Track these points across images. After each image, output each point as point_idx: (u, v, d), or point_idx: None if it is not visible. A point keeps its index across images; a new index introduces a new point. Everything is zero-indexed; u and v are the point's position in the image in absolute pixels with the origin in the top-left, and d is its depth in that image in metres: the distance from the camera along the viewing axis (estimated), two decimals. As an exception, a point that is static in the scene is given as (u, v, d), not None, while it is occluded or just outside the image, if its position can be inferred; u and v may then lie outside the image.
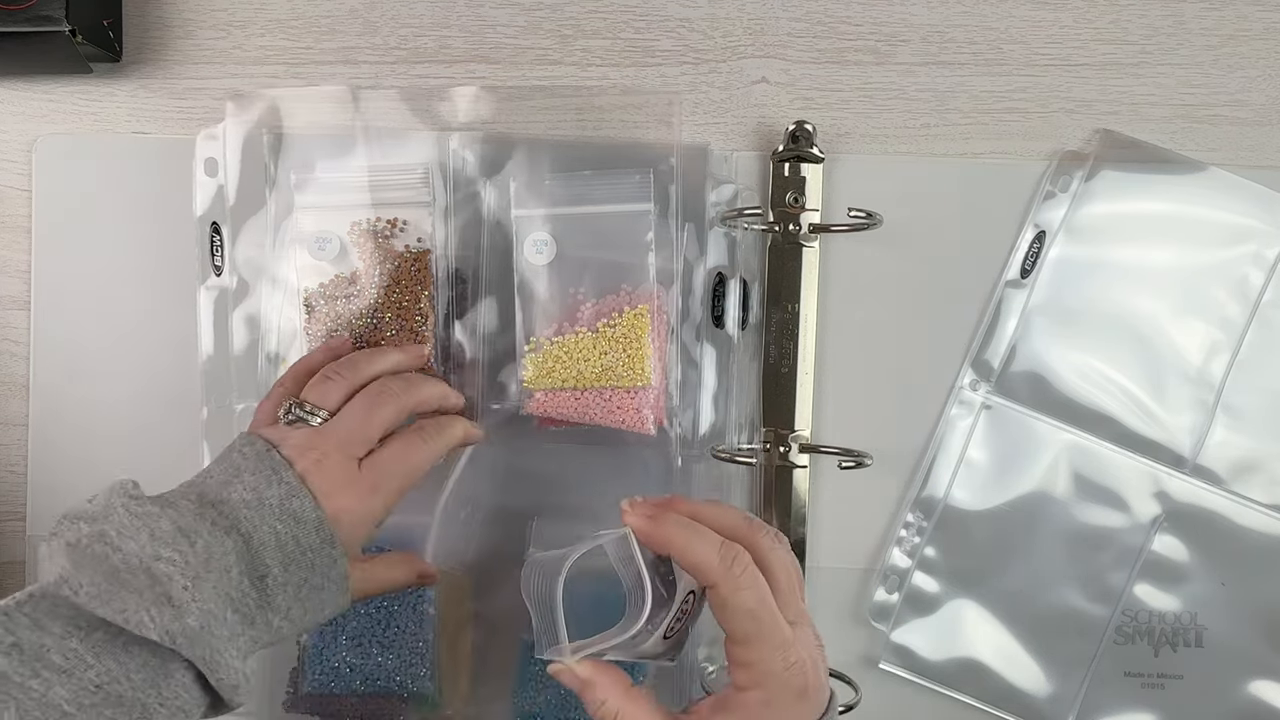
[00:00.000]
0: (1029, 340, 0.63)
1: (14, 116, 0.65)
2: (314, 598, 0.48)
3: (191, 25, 0.65)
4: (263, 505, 0.48)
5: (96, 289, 0.64)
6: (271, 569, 0.47)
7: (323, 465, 0.50)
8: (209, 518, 0.46)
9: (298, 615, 0.48)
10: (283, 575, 0.47)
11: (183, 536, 0.45)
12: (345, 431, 0.52)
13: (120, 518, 0.45)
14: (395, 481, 0.52)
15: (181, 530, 0.45)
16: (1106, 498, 0.63)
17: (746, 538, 0.46)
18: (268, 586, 0.47)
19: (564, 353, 0.59)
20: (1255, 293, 0.63)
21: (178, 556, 0.44)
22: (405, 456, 0.53)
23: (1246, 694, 0.62)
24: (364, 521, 0.50)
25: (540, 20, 0.64)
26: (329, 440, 0.51)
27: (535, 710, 0.59)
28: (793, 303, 0.62)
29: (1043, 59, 0.64)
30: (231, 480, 0.48)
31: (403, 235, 0.60)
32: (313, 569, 0.48)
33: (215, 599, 0.44)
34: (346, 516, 0.49)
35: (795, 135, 0.62)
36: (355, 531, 0.50)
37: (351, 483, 0.50)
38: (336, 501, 0.49)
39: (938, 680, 0.63)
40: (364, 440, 0.52)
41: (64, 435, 0.64)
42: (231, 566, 0.45)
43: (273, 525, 0.47)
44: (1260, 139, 0.64)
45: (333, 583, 0.49)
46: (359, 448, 0.51)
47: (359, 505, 0.50)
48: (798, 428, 0.62)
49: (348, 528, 0.49)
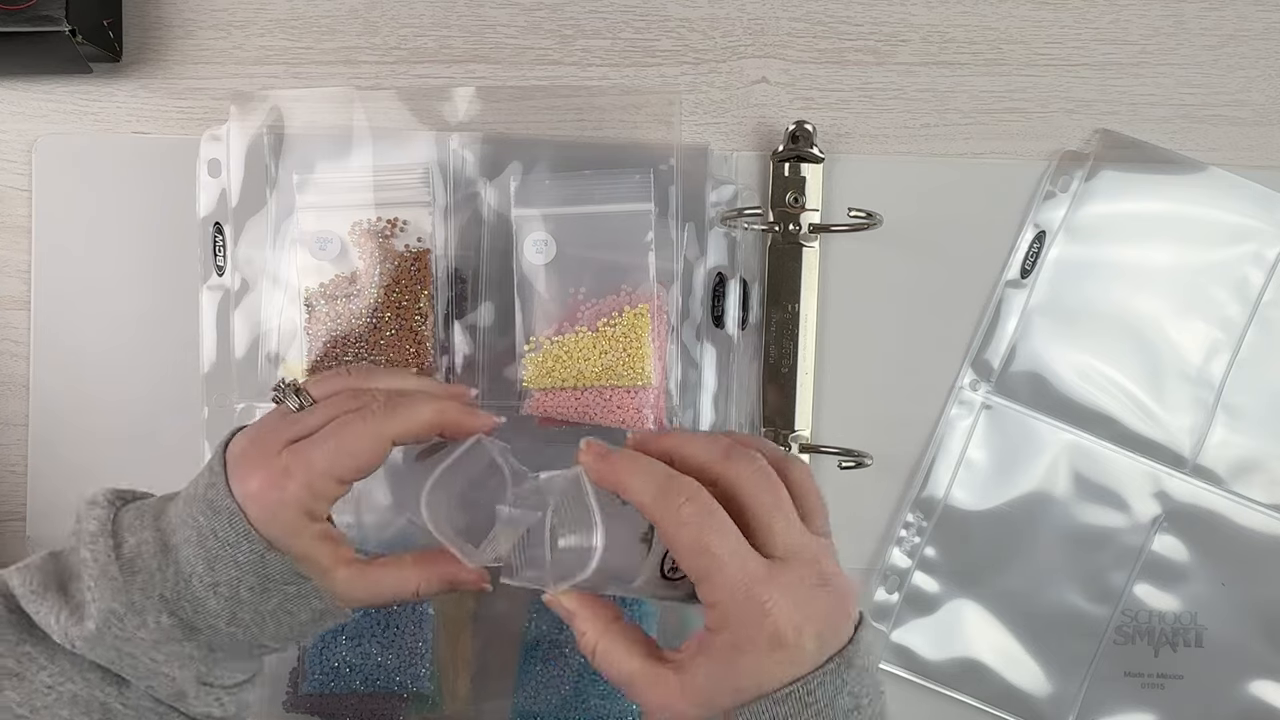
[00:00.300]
0: (1029, 340, 0.63)
1: (14, 116, 0.65)
2: (262, 602, 0.44)
3: (191, 25, 0.65)
4: (194, 498, 0.45)
5: (96, 289, 0.64)
6: (196, 567, 0.43)
7: (251, 446, 0.45)
8: (159, 517, 0.45)
9: (250, 620, 0.44)
10: (209, 574, 0.43)
11: (106, 536, 0.44)
12: (294, 417, 0.46)
13: (76, 518, 0.45)
14: (319, 463, 0.44)
15: (109, 531, 0.44)
16: (1106, 498, 0.63)
17: (722, 470, 0.43)
18: (193, 588, 0.43)
19: (564, 352, 0.59)
20: (1255, 293, 0.63)
21: (89, 556, 0.43)
22: (330, 434, 0.45)
23: (1246, 694, 0.62)
24: (275, 513, 0.44)
25: (540, 20, 0.64)
26: (265, 424, 0.46)
27: (535, 710, 0.59)
28: (793, 303, 0.62)
29: (1043, 59, 0.64)
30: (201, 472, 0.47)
31: (403, 235, 0.60)
32: (239, 567, 0.43)
33: (128, 600, 0.42)
34: (253, 505, 0.44)
35: (795, 135, 0.62)
36: (270, 526, 0.44)
37: (263, 465, 0.44)
38: (246, 486, 0.44)
39: (938, 680, 0.63)
40: (307, 425, 0.46)
41: (64, 435, 0.64)
42: (166, 566, 0.43)
43: (196, 518, 0.44)
44: (1260, 139, 0.64)
45: (276, 585, 0.44)
46: (297, 431, 0.45)
47: (265, 492, 0.44)
48: (798, 428, 0.62)
49: (259, 517, 0.44)
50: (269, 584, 0.44)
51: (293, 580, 0.45)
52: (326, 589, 0.46)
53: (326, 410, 0.46)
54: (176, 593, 0.43)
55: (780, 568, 0.42)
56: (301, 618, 0.46)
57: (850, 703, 0.42)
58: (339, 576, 0.46)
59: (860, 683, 0.42)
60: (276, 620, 0.45)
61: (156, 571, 0.43)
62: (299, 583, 0.45)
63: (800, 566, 0.42)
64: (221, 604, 0.44)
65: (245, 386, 0.62)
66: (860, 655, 0.43)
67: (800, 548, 0.42)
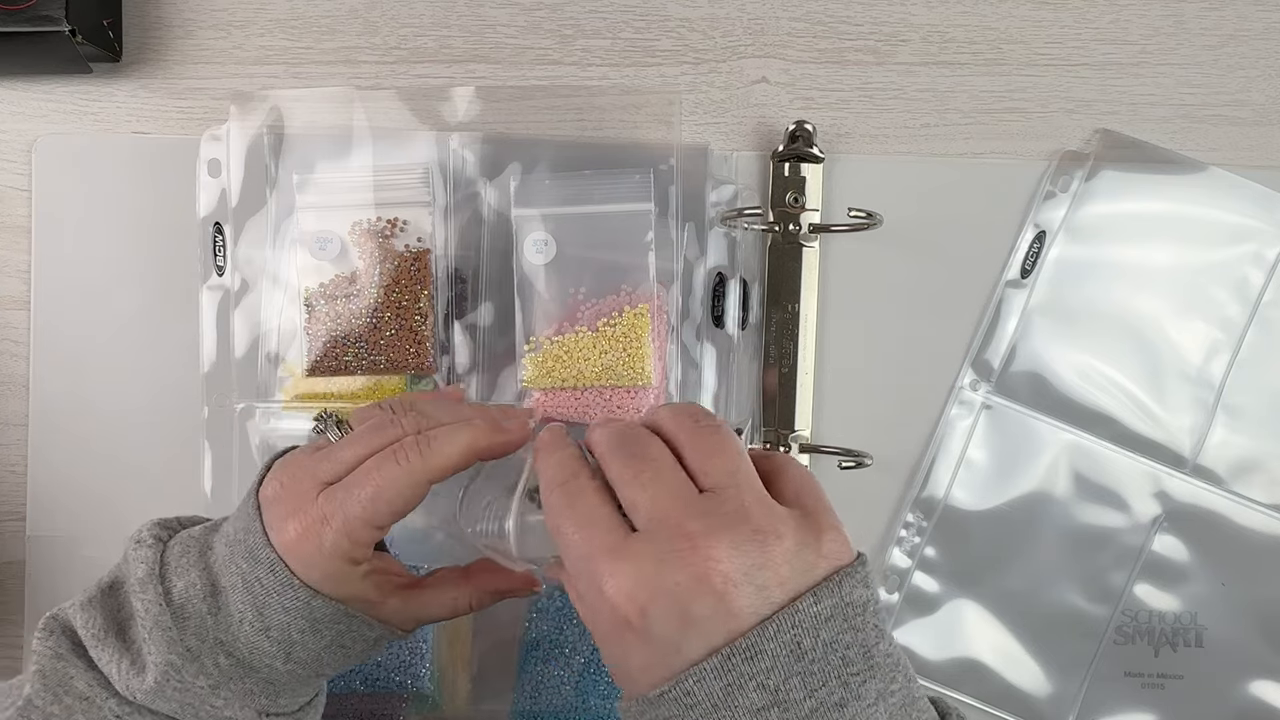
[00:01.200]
0: (1029, 340, 0.63)
1: (14, 116, 0.65)
2: (314, 640, 0.44)
3: (191, 25, 0.65)
4: (235, 541, 0.44)
5: (96, 289, 0.64)
6: (246, 614, 0.43)
7: (284, 490, 0.44)
8: (204, 555, 0.44)
9: (305, 658, 0.44)
10: (258, 620, 0.43)
11: (155, 582, 0.43)
12: (324, 453, 0.44)
13: (124, 559, 0.45)
14: (356, 512, 0.42)
15: (158, 575, 0.43)
16: (1107, 498, 0.63)
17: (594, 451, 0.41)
18: (245, 632, 0.43)
19: (564, 352, 0.59)
20: (1255, 293, 0.63)
21: (140, 606, 0.43)
22: (366, 480, 0.43)
23: (1247, 694, 0.62)
24: (315, 563, 0.43)
25: (540, 20, 0.64)
26: (303, 459, 0.45)
27: (535, 710, 0.59)
28: (793, 303, 0.62)
29: (1043, 59, 0.64)
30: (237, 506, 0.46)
31: (403, 235, 0.60)
32: (287, 612, 0.43)
33: (184, 648, 0.42)
34: (292, 555, 0.42)
35: (795, 135, 0.62)
36: (311, 574, 0.43)
37: (301, 511, 0.43)
38: (283, 535, 0.43)
39: (938, 680, 0.63)
40: (338, 462, 0.44)
41: (64, 435, 0.64)
42: (216, 610, 0.43)
43: (238, 563, 0.43)
44: (1260, 139, 0.64)
45: (327, 625, 0.44)
46: (330, 470, 0.44)
47: (302, 542, 0.42)
48: (798, 428, 0.62)
49: (299, 566, 0.42)
50: (319, 625, 0.44)
51: (341, 620, 0.44)
52: (378, 618, 0.46)
53: (357, 446, 0.44)
54: (231, 635, 0.43)
55: (635, 540, 0.36)
56: (356, 649, 0.46)
57: (762, 699, 0.35)
58: (389, 606, 0.46)
59: (785, 672, 0.35)
60: (332, 653, 0.45)
61: (208, 615, 0.43)
62: (348, 621, 0.44)
63: (662, 537, 0.36)
64: (275, 646, 0.43)
65: (245, 386, 0.62)
66: (776, 640, 0.35)
67: (665, 516, 0.36)
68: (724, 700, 0.35)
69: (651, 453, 0.39)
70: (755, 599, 0.35)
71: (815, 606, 0.35)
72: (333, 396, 0.60)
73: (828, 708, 0.35)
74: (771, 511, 0.37)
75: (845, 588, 0.36)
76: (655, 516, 0.37)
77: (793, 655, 0.35)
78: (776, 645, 0.35)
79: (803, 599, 0.35)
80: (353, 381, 0.60)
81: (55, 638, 0.44)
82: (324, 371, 0.60)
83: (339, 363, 0.60)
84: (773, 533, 0.36)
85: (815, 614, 0.35)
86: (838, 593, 0.36)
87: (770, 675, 0.35)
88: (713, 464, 0.38)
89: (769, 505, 0.37)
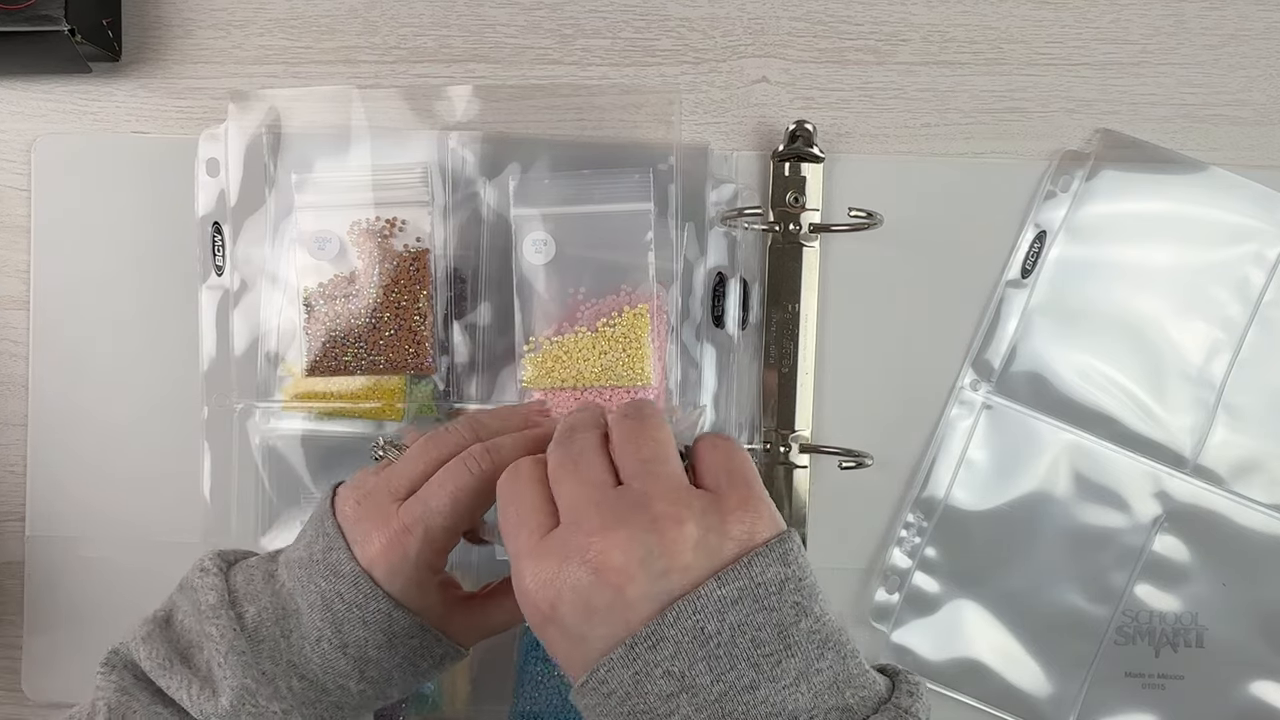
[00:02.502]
0: (1029, 340, 0.63)
1: (14, 116, 0.65)
2: (388, 658, 0.45)
3: (191, 25, 0.65)
4: (311, 562, 0.45)
5: (96, 289, 0.64)
6: (324, 631, 0.44)
7: (361, 508, 0.45)
8: (271, 581, 0.45)
9: (377, 677, 0.45)
10: (336, 637, 0.44)
11: (227, 608, 0.44)
12: (391, 470, 0.46)
13: (185, 589, 0.46)
14: (437, 519, 0.44)
15: (228, 601, 0.44)
16: (1107, 498, 0.62)
17: None
18: (322, 650, 0.44)
19: (563, 352, 0.59)
20: (1256, 292, 0.63)
21: (214, 631, 0.44)
22: (442, 489, 0.45)
23: (1247, 694, 0.62)
24: (401, 571, 0.44)
25: (540, 20, 0.64)
26: (371, 479, 0.46)
27: (535, 710, 0.59)
28: (793, 303, 0.62)
29: (1043, 58, 0.64)
30: (301, 534, 0.47)
31: (401, 235, 0.60)
32: (366, 626, 0.44)
33: (259, 672, 0.43)
34: (379, 567, 0.44)
35: (795, 135, 0.62)
36: (394, 584, 0.44)
37: (384, 525, 0.44)
38: (367, 549, 0.44)
39: (938, 681, 0.63)
40: (407, 476, 0.46)
41: (64, 435, 0.64)
42: (291, 632, 0.44)
43: (317, 582, 0.44)
44: (1261, 138, 0.64)
45: (402, 640, 0.45)
46: (402, 485, 0.46)
47: (389, 553, 0.44)
48: (798, 428, 0.62)
49: (384, 577, 0.44)
50: (395, 640, 0.45)
51: (416, 634, 0.45)
52: (445, 633, 0.47)
53: (424, 458, 0.46)
54: (304, 657, 0.44)
55: (548, 539, 0.38)
56: (424, 665, 0.47)
57: (670, 686, 0.35)
58: (456, 620, 0.47)
59: (690, 657, 0.35)
60: (403, 671, 0.46)
61: (281, 639, 0.44)
62: (422, 635, 0.46)
63: (568, 534, 0.37)
64: (351, 664, 0.45)
65: (244, 386, 0.62)
66: (678, 626, 0.35)
67: (573, 511, 0.38)
68: (635, 688, 0.36)
69: (576, 448, 0.40)
70: (653, 587, 0.36)
71: (720, 590, 0.36)
72: (332, 396, 0.60)
73: (737, 690, 0.35)
74: (677, 498, 0.38)
75: (755, 568, 0.36)
76: (567, 512, 0.38)
77: (696, 640, 0.35)
78: (678, 631, 0.35)
79: (706, 583, 0.36)
80: (352, 381, 0.60)
81: (118, 672, 0.45)
82: (323, 371, 0.60)
83: (338, 363, 0.60)
84: (673, 519, 0.37)
85: (720, 597, 0.35)
86: (745, 574, 0.36)
87: (675, 661, 0.35)
88: (627, 453, 0.40)
89: (677, 492, 0.38)
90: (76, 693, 0.47)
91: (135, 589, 0.64)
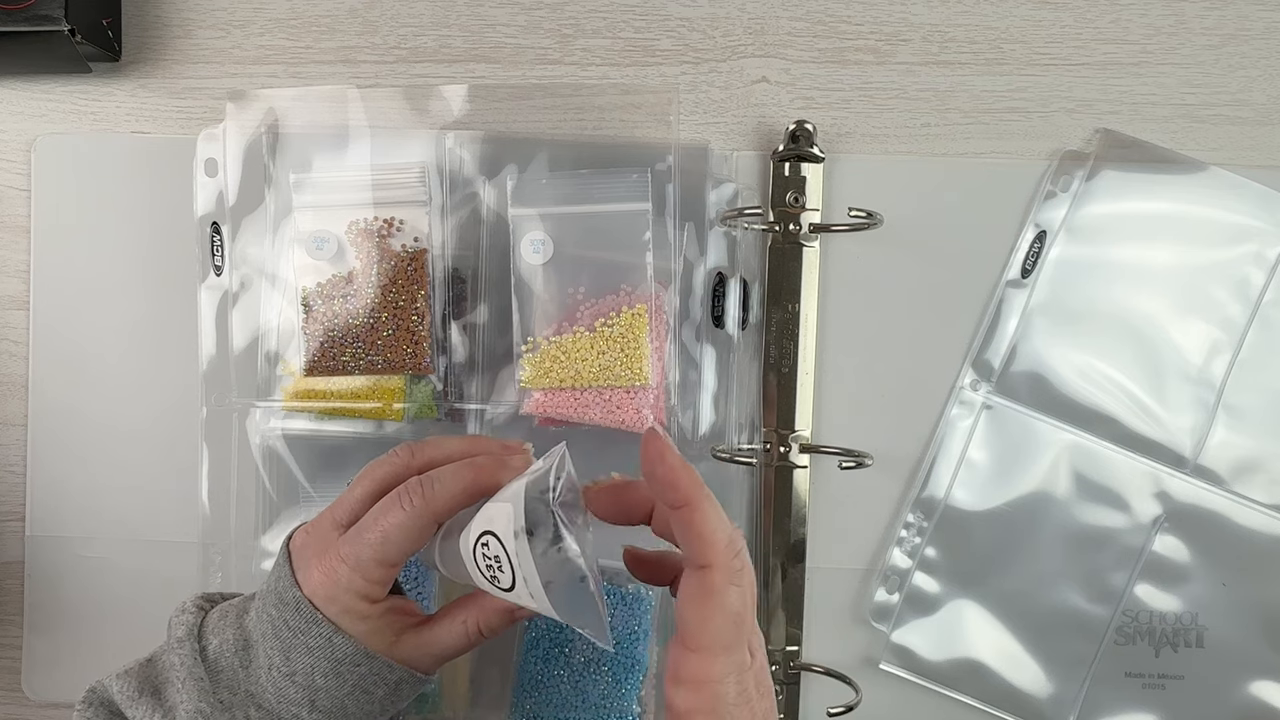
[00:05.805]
0: (1029, 340, 0.63)
1: (14, 116, 0.65)
2: (337, 686, 0.46)
3: (191, 25, 0.65)
4: (267, 592, 0.47)
5: (96, 288, 0.64)
6: (274, 659, 0.45)
7: (309, 536, 0.47)
8: (241, 616, 0.47)
9: (330, 706, 0.46)
10: (285, 664, 0.45)
11: (192, 640, 0.46)
12: (339, 499, 0.48)
13: (168, 628, 0.48)
14: (369, 551, 0.45)
15: (195, 635, 0.46)
16: (1107, 498, 0.62)
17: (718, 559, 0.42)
18: (273, 678, 0.45)
19: (562, 352, 0.59)
20: (1256, 292, 0.62)
21: (177, 660, 0.46)
22: (375, 525, 0.45)
23: (1247, 694, 0.62)
24: (335, 598, 0.45)
25: (540, 20, 0.64)
26: (320, 513, 0.48)
27: (535, 710, 0.59)
28: (793, 303, 0.62)
29: (1043, 58, 0.64)
30: None
31: (400, 235, 0.60)
32: (311, 653, 0.45)
33: (216, 700, 0.45)
34: (319, 594, 0.45)
35: (795, 135, 0.62)
36: (331, 609, 0.45)
37: (322, 554, 0.46)
38: (309, 577, 0.45)
39: (938, 681, 0.63)
40: (348, 505, 0.47)
41: (64, 435, 0.64)
42: (250, 662, 0.46)
43: (269, 611, 0.46)
44: (1261, 138, 0.64)
45: (348, 667, 0.45)
46: (343, 514, 0.47)
47: (325, 582, 0.45)
48: (798, 428, 0.62)
49: (323, 605, 0.45)
50: (340, 667, 0.45)
51: (362, 660, 0.46)
52: (397, 659, 0.47)
53: (363, 484, 0.47)
54: (260, 686, 0.46)
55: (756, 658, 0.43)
56: (379, 693, 0.47)
57: None
58: (406, 645, 0.47)
59: None
60: (356, 700, 0.46)
61: (240, 669, 0.46)
62: (368, 661, 0.46)
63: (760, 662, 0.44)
64: (300, 692, 0.45)
65: (244, 386, 0.62)
66: None
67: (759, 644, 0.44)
68: None
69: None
70: None
71: None
72: (332, 396, 0.60)
73: None
74: None
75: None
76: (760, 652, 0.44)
77: None
78: None
79: None
80: (351, 381, 0.60)
81: (94, 709, 0.47)
82: (322, 371, 0.60)
83: (336, 362, 0.60)
84: None
85: None
86: None
87: None
88: None
89: None
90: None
91: (135, 589, 0.64)
